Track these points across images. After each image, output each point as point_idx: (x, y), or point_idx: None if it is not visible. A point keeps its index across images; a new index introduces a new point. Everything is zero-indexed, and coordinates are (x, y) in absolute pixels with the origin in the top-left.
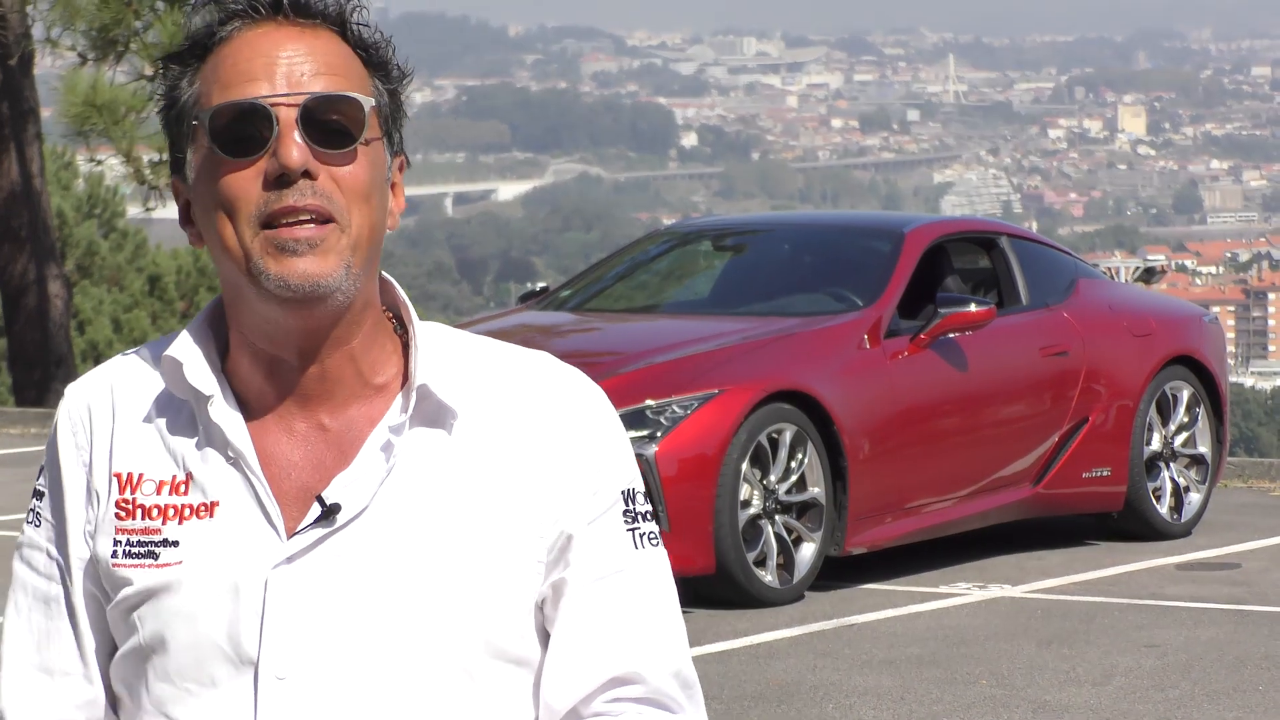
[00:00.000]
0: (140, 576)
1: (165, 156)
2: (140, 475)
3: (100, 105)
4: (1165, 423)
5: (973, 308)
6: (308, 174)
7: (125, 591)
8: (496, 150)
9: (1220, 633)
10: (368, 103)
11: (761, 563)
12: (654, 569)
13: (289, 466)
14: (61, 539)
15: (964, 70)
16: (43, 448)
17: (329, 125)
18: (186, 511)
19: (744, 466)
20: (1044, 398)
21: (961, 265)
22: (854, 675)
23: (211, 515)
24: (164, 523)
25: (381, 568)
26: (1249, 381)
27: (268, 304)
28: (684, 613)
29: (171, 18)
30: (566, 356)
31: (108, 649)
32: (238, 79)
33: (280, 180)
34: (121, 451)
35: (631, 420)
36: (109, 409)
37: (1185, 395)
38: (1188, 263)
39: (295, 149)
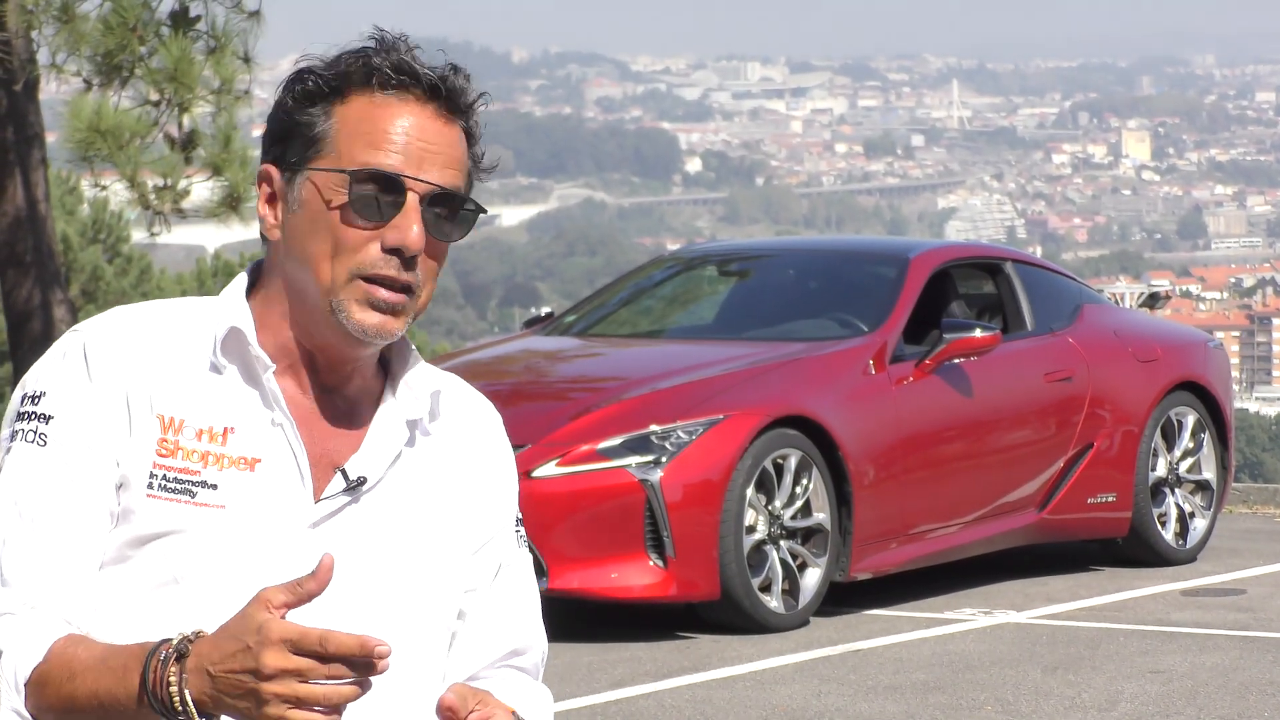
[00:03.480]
0: (174, 511)
1: (169, 181)
2: (183, 421)
3: (105, 131)
4: (1170, 448)
5: (978, 333)
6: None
7: (152, 522)
8: (500, 175)
9: (1225, 659)
10: (477, 209)
11: (766, 588)
12: (529, 564)
13: (313, 434)
14: (79, 461)
15: (968, 95)
16: None
17: (442, 216)
18: (225, 462)
19: (749, 492)
20: (1049, 423)
21: (966, 291)
22: (859, 701)
23: (252, 470)
24: (204, 466)
25: (391, 535)
26: (1253, 407)
27: (333, 330)
28: (689, 639)
29: (176, 44)
30: (572, 382)
31: (93, 568)
32: (385, 144)
33: (397, 250)
34: (164, 396)
35: (636, 445)
36: (145, 353)
37: (1190, 421)
38: (1192, 288)
39: (420, 233)
